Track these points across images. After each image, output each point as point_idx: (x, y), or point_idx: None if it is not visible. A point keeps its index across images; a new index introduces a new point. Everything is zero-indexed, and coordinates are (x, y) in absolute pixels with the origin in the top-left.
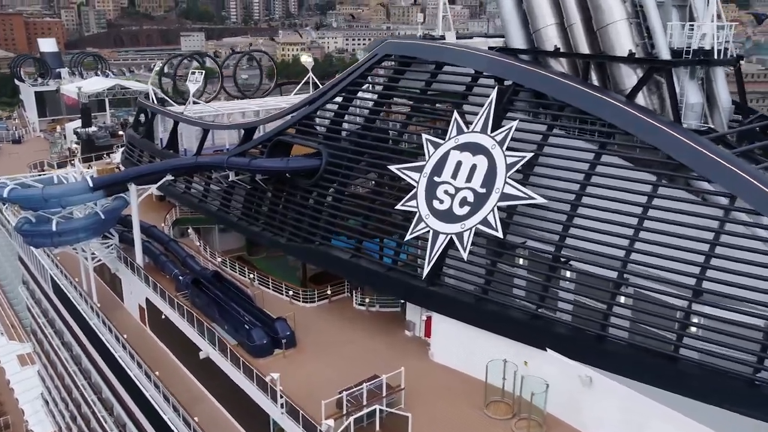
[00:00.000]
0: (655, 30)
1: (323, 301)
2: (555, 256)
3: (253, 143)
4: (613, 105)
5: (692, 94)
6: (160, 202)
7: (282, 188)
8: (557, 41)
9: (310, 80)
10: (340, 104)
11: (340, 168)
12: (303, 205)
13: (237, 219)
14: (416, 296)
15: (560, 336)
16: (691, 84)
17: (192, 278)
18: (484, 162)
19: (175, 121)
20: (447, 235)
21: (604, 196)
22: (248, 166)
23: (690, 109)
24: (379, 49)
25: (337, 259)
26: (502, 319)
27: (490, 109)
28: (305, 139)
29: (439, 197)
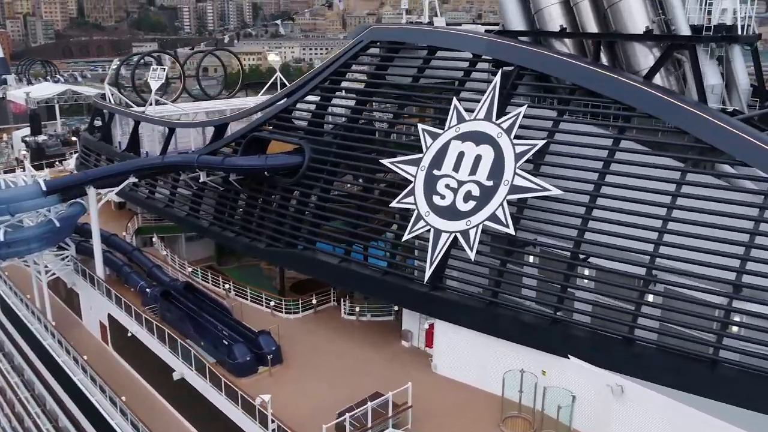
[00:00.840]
0: (674, 4)
1: (308, 311)
2: (574, 253)
3: (225, 141)
4: (633, 86)
5: (711, 74)
6: (120, 210)
7: (259, 189)
8: (562, 21)
9: (277, 80)
10: (323, 96)
11: (325, 164)
12: (284, 206)
13: (209, 224)
14: (417, 302)
15: (584, 341)
16: (711, 64)
17: (161, 290)
18: (490, 152)
19: (136, 122)
20: (450, 233)
21: (627, 185)
22: (221, 165)
23: (710, 90)
24: (364, 35)
25: (325, 264)
26: (516, 324)
27: (494, 95)
28: (284, 134)
29: (439, 192)
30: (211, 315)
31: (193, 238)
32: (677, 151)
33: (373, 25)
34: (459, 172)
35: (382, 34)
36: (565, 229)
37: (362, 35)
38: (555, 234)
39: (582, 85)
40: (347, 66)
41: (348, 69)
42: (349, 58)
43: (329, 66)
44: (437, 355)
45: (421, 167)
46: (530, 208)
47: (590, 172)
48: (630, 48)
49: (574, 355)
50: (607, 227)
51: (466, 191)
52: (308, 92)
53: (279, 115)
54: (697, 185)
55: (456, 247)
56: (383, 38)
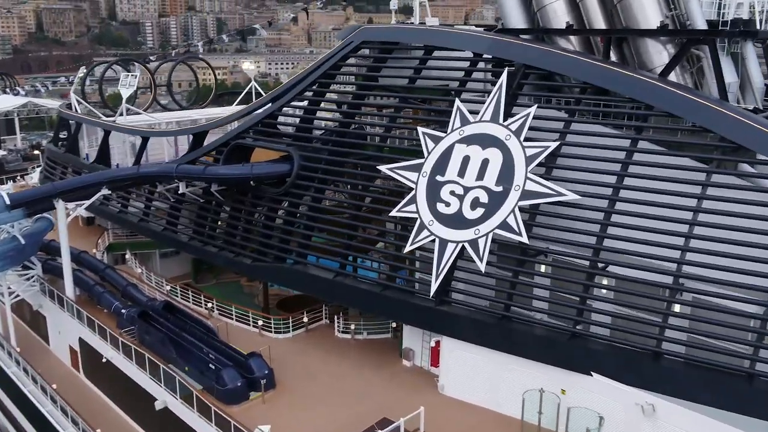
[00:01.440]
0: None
1: (299, 330)
2: (593, 262)
3: (205, 149)
4: (652, 84)
5: (728, 71)
6: (89, 226)
7: (243, 200)
8: (567, 18)
9: (252, 89)
10: (311, 100)
11: (316, 172)
12: (271, 218)
13: (188, 239)
14: (422, 318)
15: (607, 357)
16: (726, 60)
17: (138, 311)
18: (498, 155)
19: (106, 132)
20: (457, 243)
21: (649, 188)
22: (203, 175)
23: (727, 89)
24: (354, 36)
25: (318, 279)
26: (531, 340)
27: (500, 95)
28: (270, 141)
29: (444, 199)
30: (195, 337)
31: (167, 255)
32: (700, 152)
33: (364, 25)
34: (465, 177)
35: (374, 33)
36: (582, 236)
37: (352, 36)
38: (571, 242)
39: (596, 83)
40: (336, 68)
41: (337, 71)
42: (338, 60)
43: (317, 69)
44: (444, 375)
45: (422, 173)
46: (543, 214)
47: (607, 176)
48: (642, 45)
49: (597, 372)
50: (628, 233)
51: (473, 198)
52: (295, 97)
53: (264, 121)
54: (726, 187)
55: (463, 258)
56: (375, 38)
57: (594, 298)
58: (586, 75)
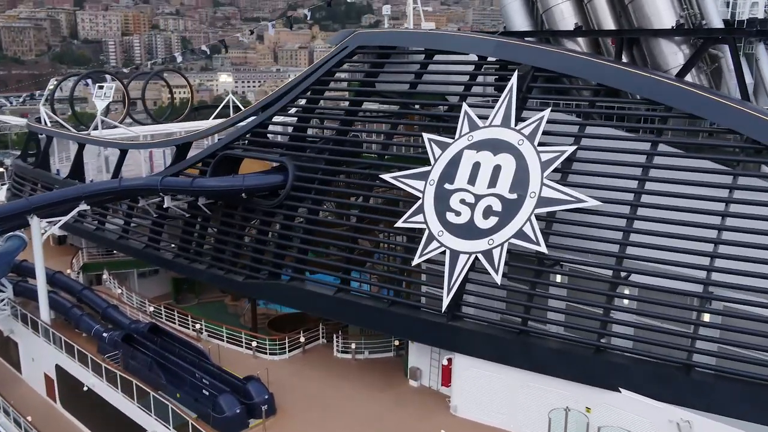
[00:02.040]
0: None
1: (295, 351)
2: (617, 271)
3: (190, 161)
4: (671, 84)
5: (745, 72)
6: (60, 246)
7: (233, 213)
8: (575, 19)
9: (230, 103)
10: (305, 107)
11: (312, 183)
12: (264, 232)
13: (173, 256)
14: (433, 335)
15: (636, 371)
16: (741, 61)
17: (122, 334)
18: (511, 161)
19: (80, 145)
20: (470, 254)
21: (672, 193)
22: (190, 188)
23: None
24: (348, 40)
25: (318, 296)
26: (552, 355)
27: (511, 98)
28: (262, 151)
29: (454, 208)
30: (185, 361)
31: (146, 274)
32: (722, 154)
33: (357, 30)
34: (475, 185)
35: (370, 38)
36: (603, 244)
37: (347, 40)
38: (591, 250)
39: (612, 85)
40: (331, 74)
41: (332, 78)
42: (333, 66)
43: (310, 75)
44: (457, 395)
45: (429, 181)
46: (560, 222)
47: (626, 180)
48: (656, 46)
49: (625, 388)
50: (653, 240)
51: (485, 206)
52: (287, 105)
53: (254, 131)
54: (755, 189)
55: (475, 270)
56: (372, 43)
57: (619, 309)
58: (602, 76)
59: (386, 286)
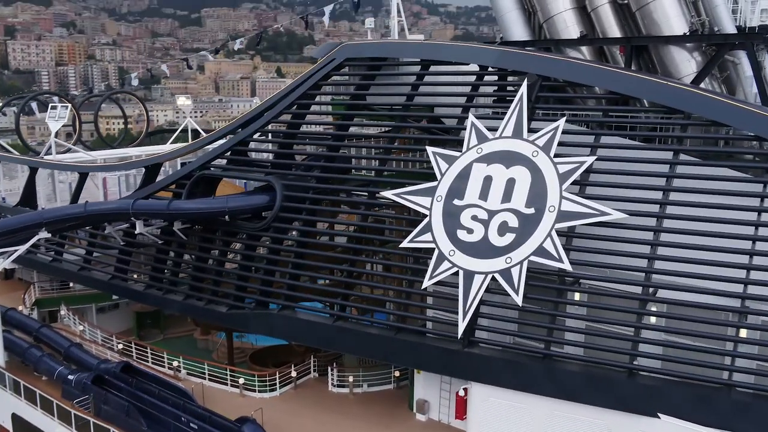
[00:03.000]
0: (716, 2)
1: (286, 387)
2: (646, 288)
3: (163, 183)
4: (691, 92)
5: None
6: (7, 281)
7: (214, 238)
8: (578, 28)
9: (188, 126)
10: (291, 123)
11: (303, 202)
12: (249, 257)
13: (145, 287)
14: (447, 364)
15: (675, 394)
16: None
17: (91, 376)
18: (526, 174)
19: (32, 169)
20: (486, 274)
21: (699, 203)
22: (167, 211)
23: (754, 98)
24: (336, 52)
25: (315, 326)
26: (581, 381)
27: (521, 108)
28: (244, 170)
29: (465, 226)
30: (168, 403)
31: (105, 309)
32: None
33: (345, 42)
34: (488, 200)
35: (360, 49)
36: (628, 259)
37: (334, 52)
38: (617, 266)
39: (630, 93)
40: (317, 88)
41: (318, 91)
42: (319, 79)
43: (295, 89)
44: (475, 428)
45: (437, 197)
46: (579, 237)
47: (647, 191)
48: (667, 53)
49: (665, 413)
50: (683, 254)
51: (500, 222)
52: (270, 121)
53: (235, 149)
54: None
55: (490, 291)
56: (361, 54)
57: (651, 328)
58: (617, 84)
59: (391, 312)
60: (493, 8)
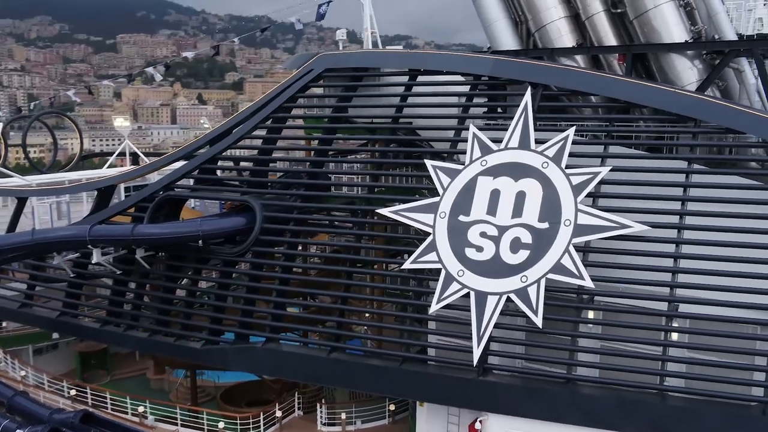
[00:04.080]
0: (717, 10)
1: (270, 428)
2: (672, 304)
3: (120, 207)
4: (704, 101)
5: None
6: None
7: (181, 266)
8: (573, 36)
9: (126, 149)
10: (266, 138)
11: (286, 223)
12: (225, 286)
13: (101, 324)
14: (461, 394)
15: (708, 414)
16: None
17: (47, 430)
18: (537, 187)
19: None
20: (500, 295)
21: (721, 213)
22: (131, 237)
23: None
24: (314, 63)
25: (307, 359)
26: (609, 406)
27: (527, 118)
28: (215, 190)
29: (474, 243)
30: None
31: (43, 350)
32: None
33: (322, 52)
34: (497, 215)
35: (340, 59)
36: (648, 274)
37: (311, 63)
38: (639, 281)
39: (638, 102)
40: (293, 100)
41: (294, 104)
42: (296, 91)
43: (269, 103)
44: None
45: (440, 214)
46: (597, 251)
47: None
48: (668, 62)
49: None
50: (711, 266)
51: (512, 239)
52: (243, 136)
53: (203, 167)
54: None
55: (504, 313)
56: (343, 64)
57: (679, 346)
58: (623, 93)
59: (393, 340)
60: (480, 17)
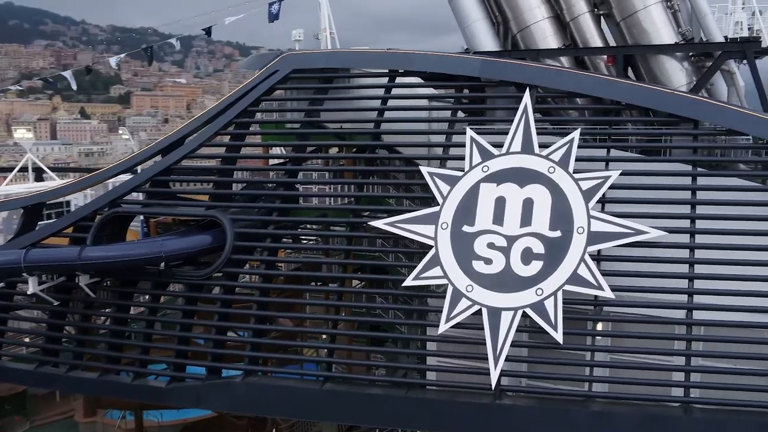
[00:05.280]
0: (705, 12)
1: None
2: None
3: (52, 228)
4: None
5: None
6: None
7: (133, 292)
8: (558, 37)
9: (29, 162)
10: (230, 145)
11: (263, 240)
12: (190, 313)
13: (37, 365)
14: (479, 422)
15: (734, 425)
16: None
17: None
18: (544, 193)
19: None
20: (514, 310)
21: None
22: (80, 261)
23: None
24: (279, 63)
25: (297, 393)
26: (632, 422)
27: (528, 120)
28: (173, 205)
29: (481, 255)
30: None
31: None
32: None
33: (288, 51)
34: (504, 224)
35: (310, 59)
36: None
37: (276, 63)
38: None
39: (640, 104)
40: (257, 104)
41: (257, 108)
42: (261, 94)
43: (230, 107)
44: None
45: (441, 225)
46: (610, 259)
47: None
48: (657, 64)
49: None
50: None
51: (522, 249)
52: (203, 143)
53: (156, 179)
54: None
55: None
56: (313, 65)
57: (707, 356)
58: (621, 94)
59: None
60: (456, 18)
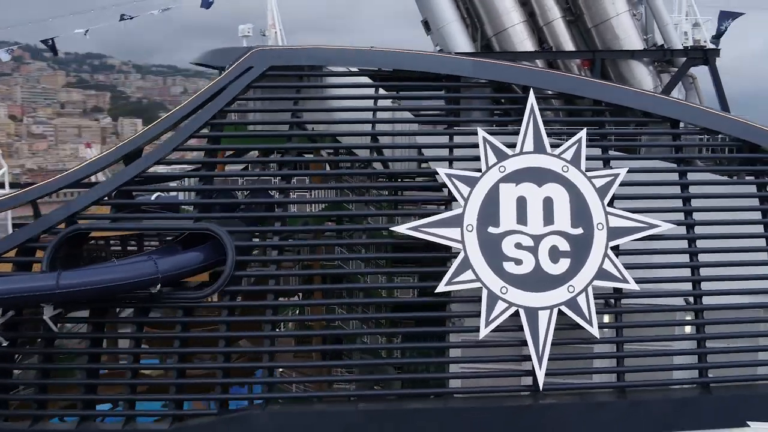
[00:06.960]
0: (666, 21)
1: None
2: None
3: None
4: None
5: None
6: None
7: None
8: (532, 40)
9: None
10: (208, 148)
11: (268, 255)
12: (186, 341)
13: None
14: (517, 426)
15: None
16: None
17: None
18: (562, 192)
19: None
20: (551, 308)
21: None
22: (58, 290)
23: None
24: (252, 59)
25: (332, 418)
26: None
27: (535, 120)
28: (144, 218)
29: (511, 256)
30: None
31: None
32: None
33: (258, 46)
34: (528, 224)
35: (288, 56)
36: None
37: (248, 59)
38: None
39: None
40: (233, 103)
41: (229, 108)
42: (237, 93)
43: (201, 107)
44: None
45: (466, 227)
46: (623, 254)
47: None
48: (628, 69)
49: (752, 420)
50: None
51: (549, 248)
52: (176, 147)
53: (122, 190)
54: None
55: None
56: (292, 61)
57: (718, 338)
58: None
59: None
60: (430, 20)
